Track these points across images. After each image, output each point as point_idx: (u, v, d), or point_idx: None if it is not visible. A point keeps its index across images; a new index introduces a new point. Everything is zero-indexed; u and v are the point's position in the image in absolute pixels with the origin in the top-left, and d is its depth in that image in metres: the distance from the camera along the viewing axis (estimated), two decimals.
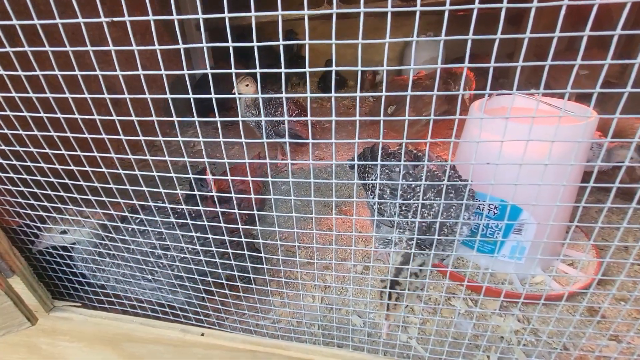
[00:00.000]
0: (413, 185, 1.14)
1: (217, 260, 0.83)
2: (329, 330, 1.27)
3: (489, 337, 1.23)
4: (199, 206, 0.76)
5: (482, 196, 1.41)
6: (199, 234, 0.82)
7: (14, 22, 0.61)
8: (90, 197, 0.83)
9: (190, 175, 0.74)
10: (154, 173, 0.72)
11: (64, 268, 1.08)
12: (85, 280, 1.13)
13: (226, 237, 0.76)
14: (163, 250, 0.96)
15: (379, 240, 1.30)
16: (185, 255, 0.95)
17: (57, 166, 0.78)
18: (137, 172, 0.73)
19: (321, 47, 4.61)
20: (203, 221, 0.75)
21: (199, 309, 1.11)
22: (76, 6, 0.58)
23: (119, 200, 0.82)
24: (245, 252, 0.79)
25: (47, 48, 0.62)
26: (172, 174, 0.72)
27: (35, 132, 0.74)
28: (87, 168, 0.76)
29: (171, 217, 0.88)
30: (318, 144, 2.91)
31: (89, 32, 0.56)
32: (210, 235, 0.79)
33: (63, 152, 0.75)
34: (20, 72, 0.66)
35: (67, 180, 0.82)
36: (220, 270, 0.89)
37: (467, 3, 0.48)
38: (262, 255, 0.89)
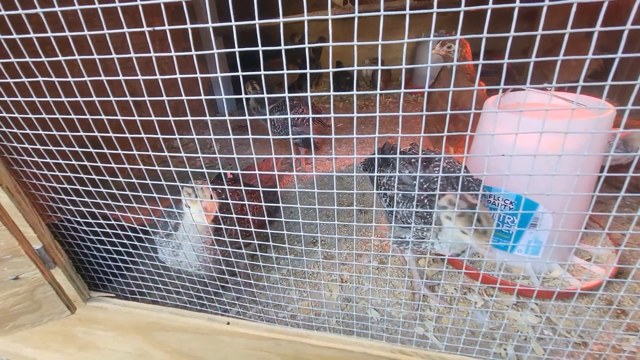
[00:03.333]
0: (425, 185, 1.16)
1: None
2: (348, 319, 1.31)
3: (506, 330, 1.25)
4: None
5: (497, 191, 1.43)
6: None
7: (49, 34, 0.68)
8: (127, 192, 0.89)
9: (221, 170, 0.80)
10: (187, 169, 0.78)
11: (100, 261, 1.16)
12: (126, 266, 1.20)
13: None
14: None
15: (394, 240, 1.32)
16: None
17: (98, 164, 0.85)
18: (172, 168, 0.79)
19: (333, 48, 4.67)
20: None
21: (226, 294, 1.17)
22: (102, 17, 0.64)
23: (154, 195, 0.88)
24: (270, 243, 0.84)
25: (77, 57, 0.69)
26: (204, 169, 0.78)
27: (82, 133, 0.81)
28: (126, 165, 0.83)
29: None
30: (331, 145, 2.95)
31: (112, 38, 0.62)
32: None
33: (105, 150, 0.81)
34: (54, 79, 0.73)
35: (107, 177, 0.89)
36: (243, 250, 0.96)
37: (481, 2, 0.52)
38: (286, 246, 0.94)
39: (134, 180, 0.87)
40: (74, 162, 0.87)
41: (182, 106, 0.70)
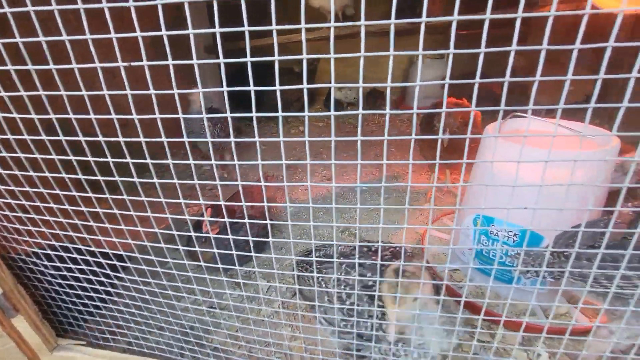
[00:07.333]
0: None
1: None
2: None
3: None
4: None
5: (500, 222, 1.37)
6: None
7: (30, 66, 0.60)
8: (106, 224, 0.80)
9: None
10: (181, 200, 0.69)
11: (70, 305, 1.04)
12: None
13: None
14: None
15: None
16: None
17: (73, 193, 0.76)
18: (161, 199, 0.70)
19: (326, 68, 4.67)
20: None
21: None
22: (93, 51, 0.56)
23: (138, 227, 0.79)
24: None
25: (63, 92, 0.61)
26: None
27: (54, 157, 0.72)
28: (107, 195, 0.74)
29: None
30: (324, 165, 2.89)
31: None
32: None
33: (80, 176, 0.72)
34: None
35: (82, 207, 0.79)
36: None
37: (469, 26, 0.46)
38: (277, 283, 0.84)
39: (114, 210, 0.78)
40: (42, 190, 0.77)
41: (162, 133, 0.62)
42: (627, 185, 0.53)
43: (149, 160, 0.62)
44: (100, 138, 0.61)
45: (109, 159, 0.64)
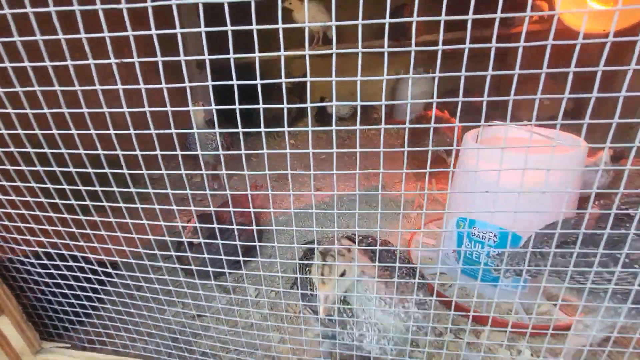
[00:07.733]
0: None
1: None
2: None
3: None
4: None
5: (481, 225, 1.42)
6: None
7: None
8: (88, 230, 0.82)
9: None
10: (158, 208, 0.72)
11: (56, 306, 1.04)
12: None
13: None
14: None
15: None
16: None
17: (56, 200, 0.78)
18: (137, 205, 0.73)
19: (317, 83, 4.79)
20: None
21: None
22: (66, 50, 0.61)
23: (118, 233, 0.81)
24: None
25: (36, 88, 0.65)
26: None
27: (39, 168, 0.75)
28: (88, 202, 0.76)
29: None
30: (315, 176, 2.93)
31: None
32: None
33: (65, 186, 0.75)
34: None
35: (65, 214, 0.82)
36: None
37: (457, 42, 0.52)
38: (263, 287, 0.87)
39: (95, 217, 0.81)
40: (29, 199, 0.80)
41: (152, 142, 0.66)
42: (583, 168, 0.59)
43: (125, 170, 0.66)
44: (73, 131, 0.65)
45: (82, 152, 0.67)
